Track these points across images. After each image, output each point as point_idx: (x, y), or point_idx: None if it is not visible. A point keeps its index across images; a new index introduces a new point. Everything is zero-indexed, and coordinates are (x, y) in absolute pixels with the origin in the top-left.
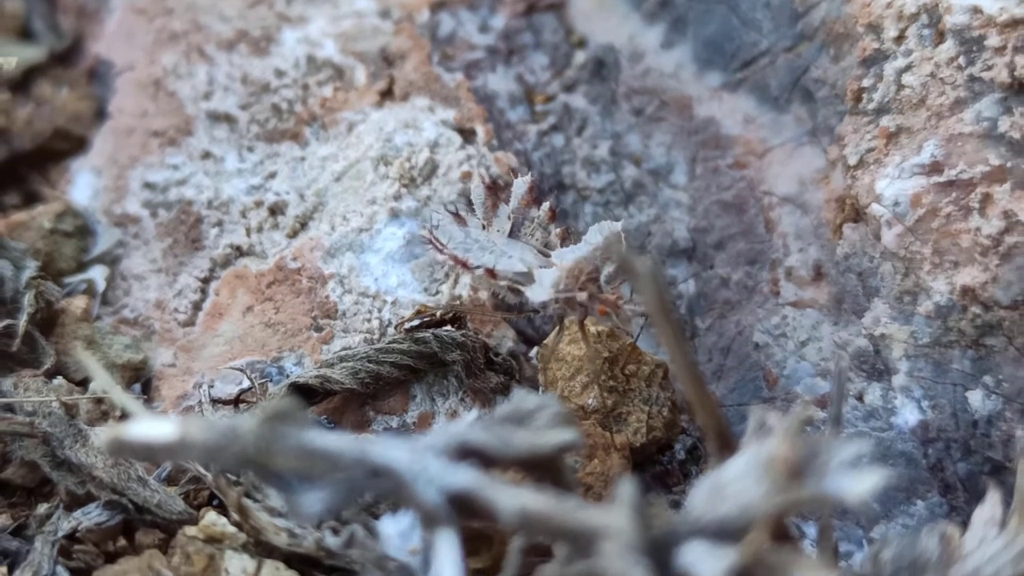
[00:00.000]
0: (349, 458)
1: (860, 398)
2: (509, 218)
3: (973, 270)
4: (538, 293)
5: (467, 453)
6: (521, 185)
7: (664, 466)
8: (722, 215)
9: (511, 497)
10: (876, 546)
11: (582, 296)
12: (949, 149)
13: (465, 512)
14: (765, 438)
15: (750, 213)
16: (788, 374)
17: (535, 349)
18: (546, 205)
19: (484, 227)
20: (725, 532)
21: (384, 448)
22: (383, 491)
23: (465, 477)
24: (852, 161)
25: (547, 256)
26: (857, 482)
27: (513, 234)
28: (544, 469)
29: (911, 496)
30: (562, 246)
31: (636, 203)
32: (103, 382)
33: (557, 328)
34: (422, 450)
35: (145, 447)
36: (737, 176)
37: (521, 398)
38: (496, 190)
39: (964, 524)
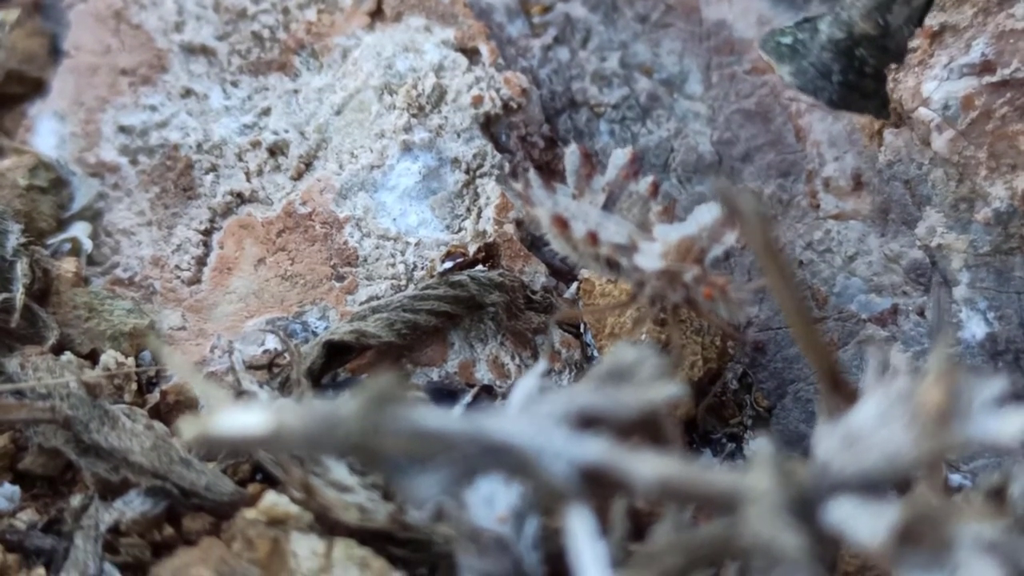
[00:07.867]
0: (464, 436)
1: (922, 313)
2: (604, 190)
3: None
4: (649, 260)
5: (588, 420)
6: (620, 156)
7: (718, 398)
8: (746, 125)
9: (647, 466)
10: (998, 480)
11: (690, 275)
12: (1000, 47)
13: (594, 485)
14: (891, 380)
15: (776, 121)
16: (838, 292)
17: (574, 286)
18: (648, 179)
19: (575, 196)
20: (872, 484)
21: (501, 423)
22: (502, 469)
23: (596, 448)
24: (892, 63)
25: (647, 233)
26: (1007, 422)
27: (607, 207)
28: (647, 425)
29: None
30: (663, 223)
31: (653, 118)
32: (181, 370)
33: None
34: (542, 422)
35: (238, 440)
36: (757, 82)
37: (619, 352)
38: (591, 158)
39: None
